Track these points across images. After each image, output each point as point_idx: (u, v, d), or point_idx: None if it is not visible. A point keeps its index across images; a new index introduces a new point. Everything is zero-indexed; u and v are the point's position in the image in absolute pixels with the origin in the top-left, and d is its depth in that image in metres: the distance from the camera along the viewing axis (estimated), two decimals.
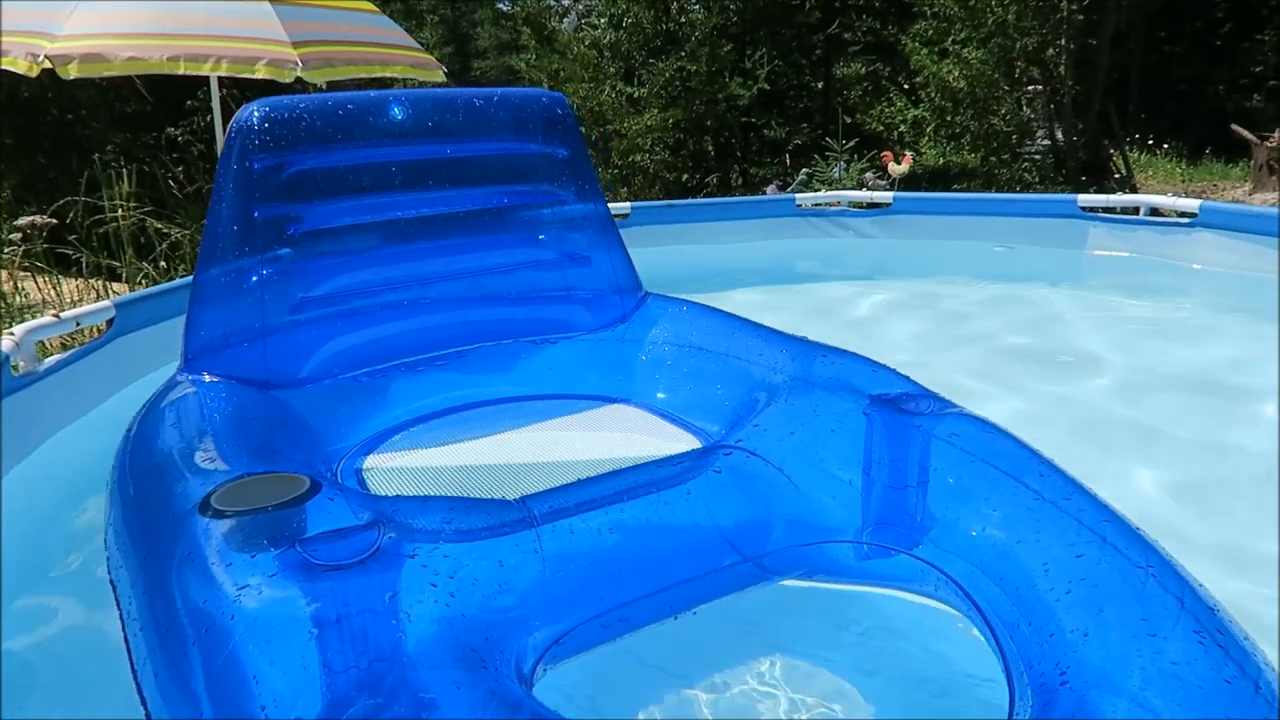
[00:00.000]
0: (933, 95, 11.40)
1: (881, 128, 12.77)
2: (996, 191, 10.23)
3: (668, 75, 11.00)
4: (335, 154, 2.30)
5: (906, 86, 12.52)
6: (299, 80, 4.29)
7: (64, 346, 3.30)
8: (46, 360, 2.63)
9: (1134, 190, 10.67)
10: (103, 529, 1.73)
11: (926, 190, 10.32)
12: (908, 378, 2.08)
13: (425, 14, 21.79)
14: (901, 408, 1.80)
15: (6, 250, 5.76)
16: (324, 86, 4.70)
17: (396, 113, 2.35)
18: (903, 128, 12.27)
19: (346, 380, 2.37)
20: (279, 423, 2.03)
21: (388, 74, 4.95)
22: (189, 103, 10.35)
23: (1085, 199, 5.11)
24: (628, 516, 1.67)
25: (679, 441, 2.27)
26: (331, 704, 1.16)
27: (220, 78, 4.70)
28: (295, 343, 2.30)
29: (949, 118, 11.40)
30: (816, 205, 5.81)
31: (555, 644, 1.50)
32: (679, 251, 5.34)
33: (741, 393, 2.28)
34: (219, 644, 1.25)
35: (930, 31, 11.36)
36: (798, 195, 5.93)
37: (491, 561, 1.48)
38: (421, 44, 5.91)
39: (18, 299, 5.09)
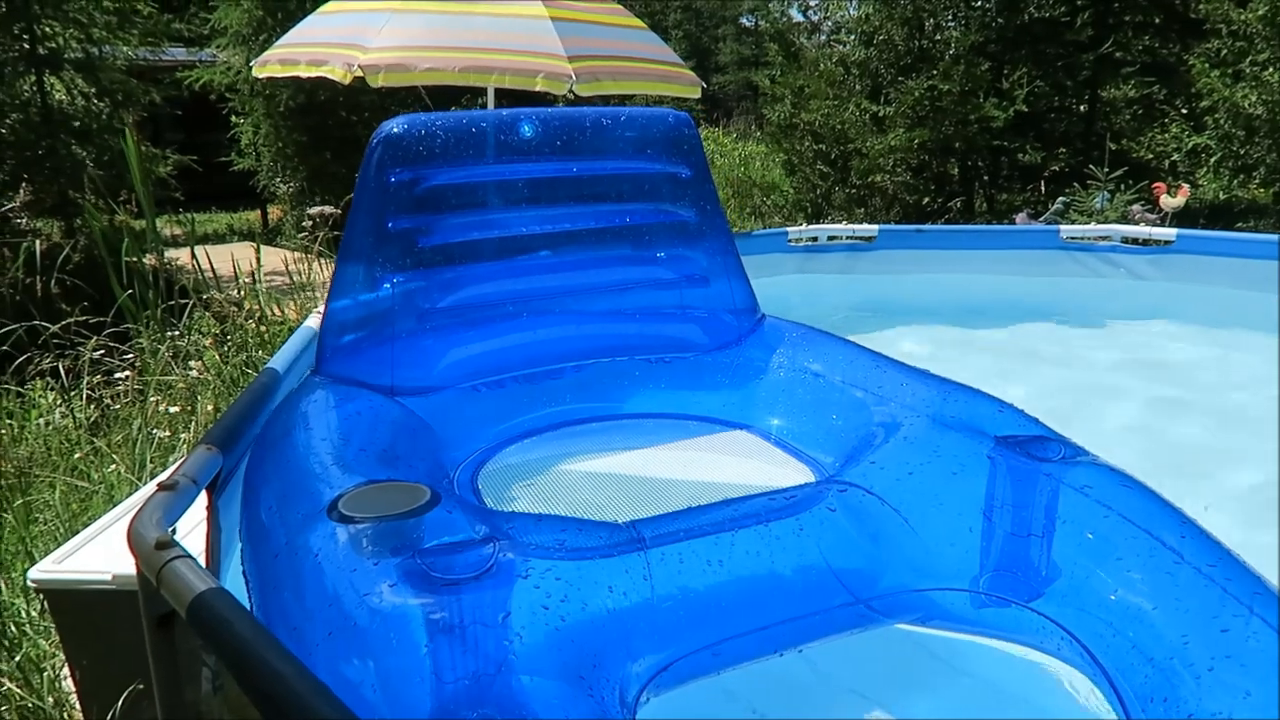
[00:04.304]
0: (1221, 121, 10.23)
1: (1151, 156, 11.63)
2: None
3: (917, 94, 10.59)
4: (467, 170, 2.36)
5: (1185, 111, 11.31)
6: (571, 92, 4.49)
7: None
8: None
9: None
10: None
11: (1205, 228, 9.29)
12: (1037, 420, 1.98)
13: (670, 29, 22.41)
14: (1029, 452, 1.76)
15: (300, 235, 6.51)
16: (574, 99, 4.88)
17: (526, 131, 2.40)
18: (1176, 156, 11.11)
19: (466, 390, 2.43)
20: (402, 429, 2.09)
21: (649, 90, 5.08)
22: (451, 108, 11.20)
23: None
24: (737, 548, 1.66)
25: (793, 472, 2.22)
26: (439, 713, 1.20)
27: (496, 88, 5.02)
28: (421, 351, 2.37)
29: (1238, 148, 10.18)
30: (1080, 239, 5.36)
31: (659, 673, 1.50)
32: (927, 280, 5.11)
33: (859, 425, 2.21)
34: (340, 647, 1.31)
35: (1224, 51, 10.21)
36: (1062, 227, 5.50)
37: (601, 586, 1.51)
38: None
39: (305, 278, 5.73)
